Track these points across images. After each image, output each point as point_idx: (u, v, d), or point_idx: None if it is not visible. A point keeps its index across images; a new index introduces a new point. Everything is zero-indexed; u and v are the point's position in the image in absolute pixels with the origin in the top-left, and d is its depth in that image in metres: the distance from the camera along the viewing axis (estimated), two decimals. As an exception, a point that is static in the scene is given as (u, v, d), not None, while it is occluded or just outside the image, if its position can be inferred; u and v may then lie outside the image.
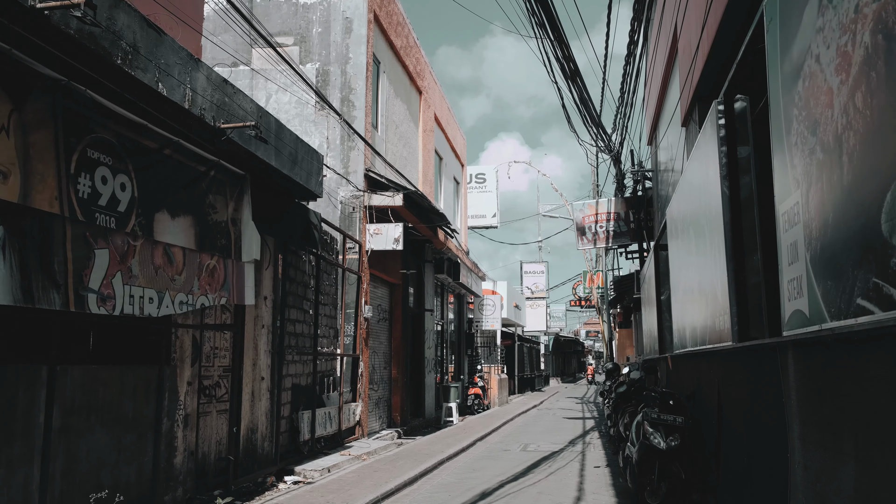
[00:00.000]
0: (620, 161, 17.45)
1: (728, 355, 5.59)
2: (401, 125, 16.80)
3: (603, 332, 30.73)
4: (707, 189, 6.03)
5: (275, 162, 8.27)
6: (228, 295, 7.69)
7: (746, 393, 5.04)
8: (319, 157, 9.66)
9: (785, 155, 3.51)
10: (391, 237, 13.45)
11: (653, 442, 7.02)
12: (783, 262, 3.63)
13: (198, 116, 6.66)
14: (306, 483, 9.00)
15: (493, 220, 33.10)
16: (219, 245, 7.72)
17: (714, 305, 5.92)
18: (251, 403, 9.27)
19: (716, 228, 5.62)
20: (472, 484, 9.36)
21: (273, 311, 9.76)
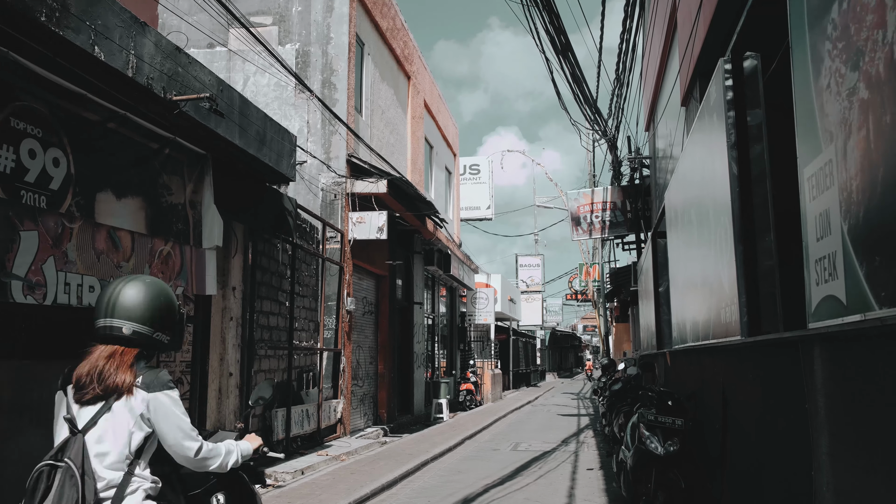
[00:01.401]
0: (617, 147, 16.76)
1: (735, 351, 4.95)
2: (387, 111, 16.11)
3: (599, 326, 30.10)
4: (712, 164, 5.37)
5: (239, 141, 7.60)
6: (186, 284, 7.03)
7: (757, 395, 4.40)
8: (291, 138, 8.99)
9: (812, 104, 2.86)
10: (375, 226, 12.79)
11: (649, 446, 6.38)
12: (809, 238, 2.98)
13: (145, 87, 5.97)
14: (276, 486, 8.36)
15: (488, 211, 32.45)
16: (174, 230, 7.06)
17: (719, 296, 5.27)
18: (218, 401, 8.62)
19: (722, 207, 4.97)
20: (455, 488, 8.73)
21: (243, 302, 9.10)
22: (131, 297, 2.68)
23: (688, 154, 6.78)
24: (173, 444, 2.63)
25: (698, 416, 6.79)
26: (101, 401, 2.58)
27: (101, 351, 2.67)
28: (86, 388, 2.60)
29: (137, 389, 2.60)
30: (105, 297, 2.71)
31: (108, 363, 2.63)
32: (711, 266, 5.56)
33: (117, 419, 2.56)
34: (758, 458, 4.48)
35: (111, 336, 2.68)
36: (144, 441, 2.60)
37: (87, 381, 2.61)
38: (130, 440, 2.57)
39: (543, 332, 53.74)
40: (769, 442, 4.17)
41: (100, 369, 2.61)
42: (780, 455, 3.90)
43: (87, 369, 2.63)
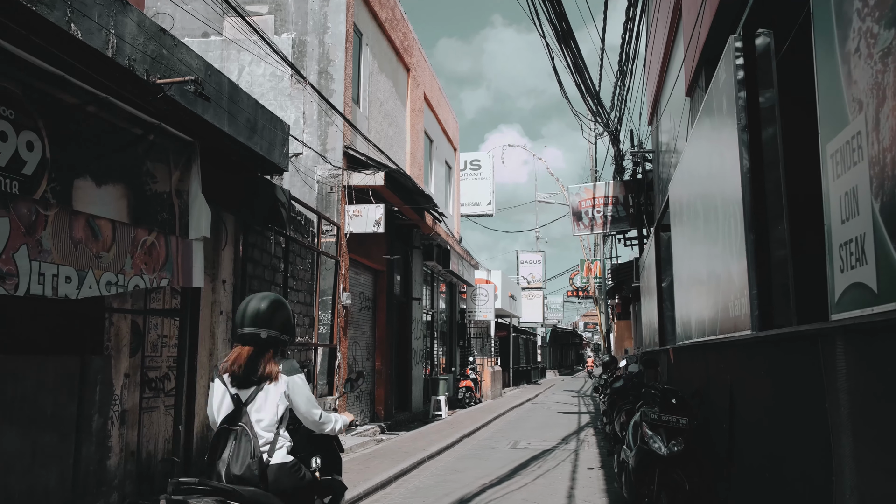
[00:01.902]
0: (619, 141, 16.49)
1: (745, 347, 4.68)
2: (386, 103, 15.84)
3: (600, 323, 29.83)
4: (720, 150, 5.10)
5: (228, 128, 7.32)
6: (172, 276, 6.75)
7: (769, 392, 4.13)
8: (284, 126, 8.71)
9: (837, 72, 2.59)
10: (372, 219, 12.53)
11: (652, 446, 6.11)
12: (832, 221, 2.71)
13: (126, 68, 5.69)
14: (267, 487, 8.10)
15: (488, 207, 32.16)
16: (159, 219, 6.80)
17: (727, 289, 5.00)
18: (206, 398, 8.35)
19: (731, 196, 4.70)
20: (452, 488, 8.47)
21: (234, 296, 8.83)
22: (264, 311, 3.70)
23: (694, 142, 6.51)
24: (304, 412, 3.67)
25: (703, 414, 6.52)
26: (256, 384, 3.57)
27: (245, 350, 3.66)
28: (241, 377, 3.58)
29: (281, 375, 3.60)
30: (244, 311, 3.73)
31: (255, 359, 3.61)
32: (719, 258, 5.29)
33: (269, 396, 3.57)
34: (769, 459, 4.21)
35: (252, 339, 3.66)
36: (286, 411, 3.61)
37: (240, 372, 3.59)
38: (277, 410, 3.56)
39: (544, 330, 53.48)
40: (782, 442, 3.90)
41: (250, 365, 3.60)
42: (795, 456, 3.63)
43: (238, 364, 3.62)
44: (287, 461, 3.55)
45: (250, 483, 3.36)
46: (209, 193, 7.74)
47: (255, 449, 3.43)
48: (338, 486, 3.97)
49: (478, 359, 26.45)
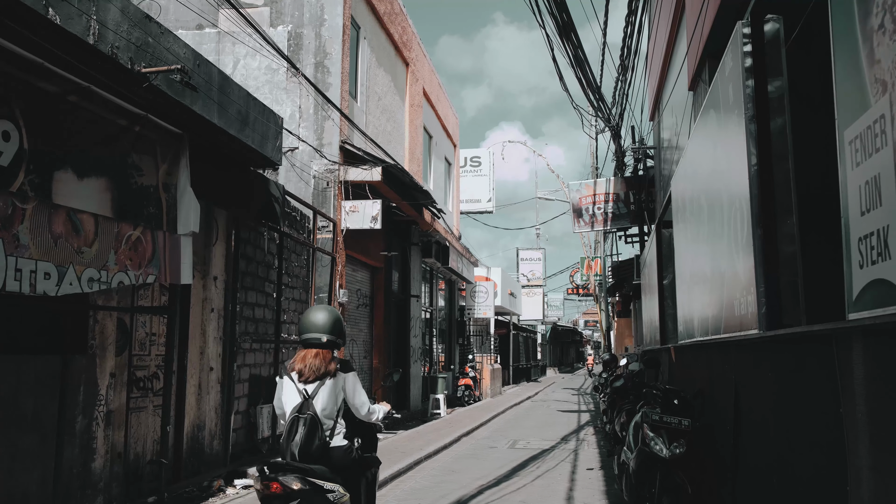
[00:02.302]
0: (620, 137, 16.26)
1: (751, 347, 4.48)
2: (384, 97, 15.62)
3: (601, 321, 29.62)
4: (726, 143, 4.90)
5: (218, 120, 7.12)
6: (159, 272, 6.56)
7: (777, 395, 3.93)
8: (277, 119, 8.50)
9: (858, 51, 2.38)
10: (369, 215, 12.31)
11: (653, 448, 5.92)
12: (850, 213, 2.51)
13: (108, 56, 5.50)
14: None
15: (489, 204, 31.95)
16: (145, 214, 6.60)
17: (733, 286, 4.79)
18: (197, 397, 8.17)
19: (737, 190, 4.49)
20: (448, 489, 8.28)
21: (225, 293, 8.65)
22: (323, 319, 4.41)
23: (698, 136, 6.30)
24: (357, 403, 4.40)
25: (706, 416, 6.32)
26: (319, 380, 4.24)
27: (309, 353, 4.34)
28: (307, 374, 4.25)
29: (339, 372, 4.33)
30: (307, 320, 4.43)
31: (317, 360, 4.29)
32: (724, 255, 5.09)
33: (329, 390, 4.25)
34: (777, 464, 4.01)
35: (315, 343, 4.36)
36: (342, 402, 4.33)
37: (307, 371, 4.27)
38: (336, 401, 4.29)
39: (544, 327, 53.29)
40: (791, 448, 3.70)
41: (315, 364, 4.28)
42: (805, 463, 3.43)
43: (304, 365, 4.29)
44: (343, 444, 4.32)
45: (317, 461, 4.12)
46: (199, 188, 7.55)
47: (320, 433, 4.16)
48: (374, 461, 4.81)
49: (477, 356, 26.25)
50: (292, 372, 4.34)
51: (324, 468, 4.10)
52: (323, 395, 4.23)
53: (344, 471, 4.28)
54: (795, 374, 3.57)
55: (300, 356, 4.37)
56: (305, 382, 4.27)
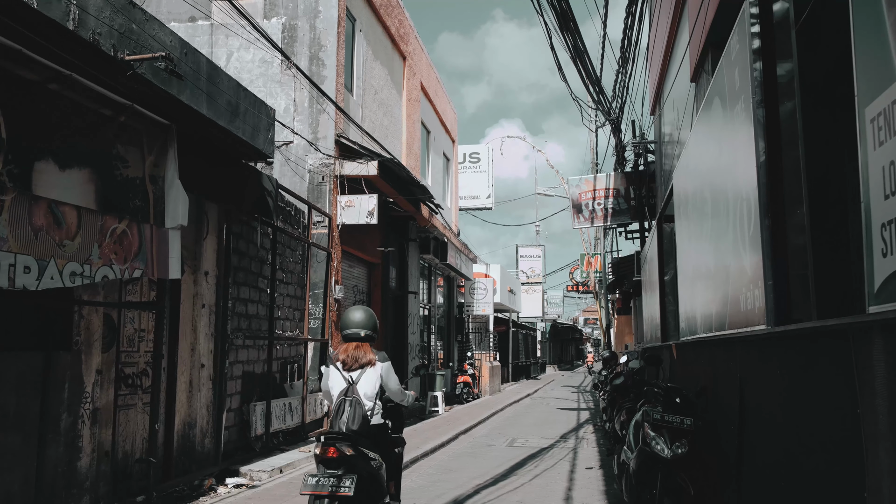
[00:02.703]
0: (621, 131, 16.06)
1: (757, 343, 4.29)
2: (381, 91, 15.42)
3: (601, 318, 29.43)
4: (732, 131, 4.70)
5: (207, 111, 6.92)
6: (146, 267, 6.36)
7: (786, 394, 3.74)
8: (269, 111, 8.31)
9: (882, 19, 2.19)
10: (364, 210, 12.13)
11: (654, 448, 5.73)
12: (872, 197, 2.32)
13: (90, 43, 5.30)
14: (250, 486, 7.73)
15: (488, 201, 31.74)
16: (131, 206, 6.40)
17: (738, 281, 4.61)
18: (188, 394, 7.98)
19: (742, 180, 4.31)
20: (444, 489, 8.10)
21: (217, 288, 8.46)
22: (361, 317, 5.22)
23: (701, 125, 6.11)
24: (393, 388, 5.16)
25: (709, 415, 6.14)
26: (360, 368, 5.00)
27: (351, 346, 5.12)
28: (351, 363, 5.02)
29: (377, 362, 5.07)
30: (348, 318, 5.23)
31: (358, 352, 5.07)
32: (729, 247, 4.90)
33: (370, 376, 5.00)
34: (785, 466, 3.82)
35: (354, 338, 5.15)
36: (380, 387, 5.04)
37: (350, 361, 5.03)
38: (375, 386, 4.99)
39: (544, 325, 53.11)
40: (801, 450, 3.51)
41: (356, 355, 5.05)
42: (817, 467, 3.25)
43: (347, 356, 5.06)
44: (381, 423, 5.16)
45: (361, 435, 4.84)
46: (189, 181, 7.36)
47: (364, 412, 4.86)
48: (401, 441, 5.67)
49: (476, 354, 26.07)
50: (337, 361, 5.16)
51: (367, 441, 4.94)
52: (364, 381, 5.03)
53: (380, 445, 5.13)
54: (806, 371, 3.38)
55: (343, 349, 5.19)
56: (349, 370, 5.08)
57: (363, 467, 4.83)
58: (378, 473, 4.97)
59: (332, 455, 4.73)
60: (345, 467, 4.73)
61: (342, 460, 4.74)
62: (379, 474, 4.98)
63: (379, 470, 4.97)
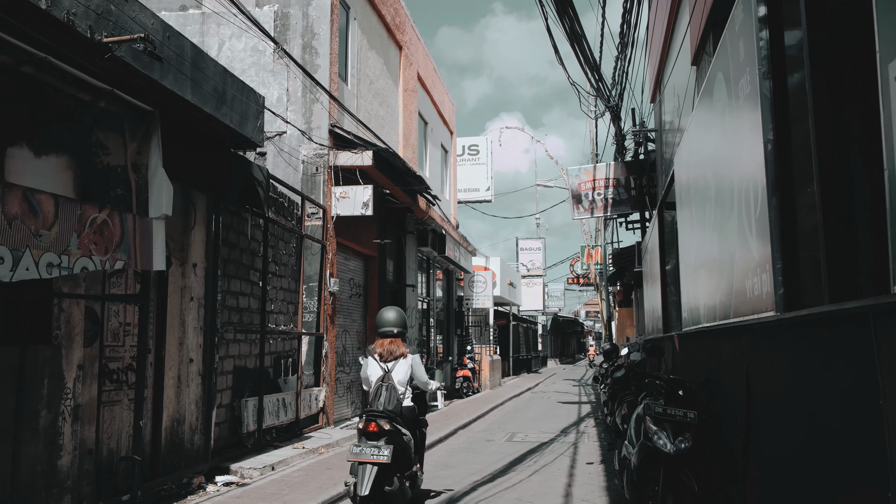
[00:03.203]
0: (620, 119, 15.79)
1: (764, 331, 4.06)
2: (376, 81, 15.16)
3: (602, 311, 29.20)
4: (736, 108, 4.47)
5: (191, 96, 6.68)
6: (128, 258, 6.14)
7: (797, 385, 3.51)
8: (258, 98, 8.07)
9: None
10: (359, 201, 11.89)
11: (657, 443, 5.50)
12: (897, 165, 2.08)
13: (64, 23, 5.06)
14: (240, 485, 7.52)
15: (487, 193, 31.45)
16: (112, 195, 6.18)
17: (744, 266, 4.38)
18: (176, 390, 7.77)
19: (748, 158, 4.07)
20: (440, 486, 7.88)
21: (206, 281, 8.22)
22: (394, 317, 6.43)
23: (704, 104, 5.87)
24: (420, 377, 6.28)
25: (713, 407, 5.92)
26: (395, 360, 6.14)
27: (385, 341, 6.29)
28: (386, 355, 6.17)
29: (408, 354, 6.24)
30: (383, 317, 6.43)
31: (392, 346, 6.24)
32: (734, 231, 4.67)
33: (402, 366, 6.14)
34: (796, 462, 3.60)
35: (388, 334, 6.33)
36: (410, 376, 6.17)
37: (386, 353, 6.18)
38: (406, 374, 6.13)
39: (545, 318, 52.91)
40: (814, 445, 3.29)
41: (391, 348, 6.22)
42: (832, 463, 3.02)
43: (383, 349, 6.22)
44: (410, 405, 6.29)
45: (396, 414, 5.91)
46: (176, 170, 7.14)
47: (397, 396, 6.00)
48: (424, 423, 6.74)
49: (476, 348, 25.86)
50: (374, 354, 6.31)
51: (399, 419, 5.97)
52: (397, 370, 6.19)
53: (409, 424, 6.21)
54: (820, 359, 3.15)
55: (379, 343, 6.37)
56: (384, 361, 6.23)
57: (397, 440, 5.88)
58: (408, 446, 6.07)
59: (372, 429, 5.81)
60: (383, 439, 5.78)
61: (381, 433, 5.80)
62: (409, 447, 6.07)
63: (409, 444, 6.09)
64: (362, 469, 5.64)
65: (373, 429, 5.77)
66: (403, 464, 5.98)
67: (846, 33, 3.61)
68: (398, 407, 5.96)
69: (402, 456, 5.91)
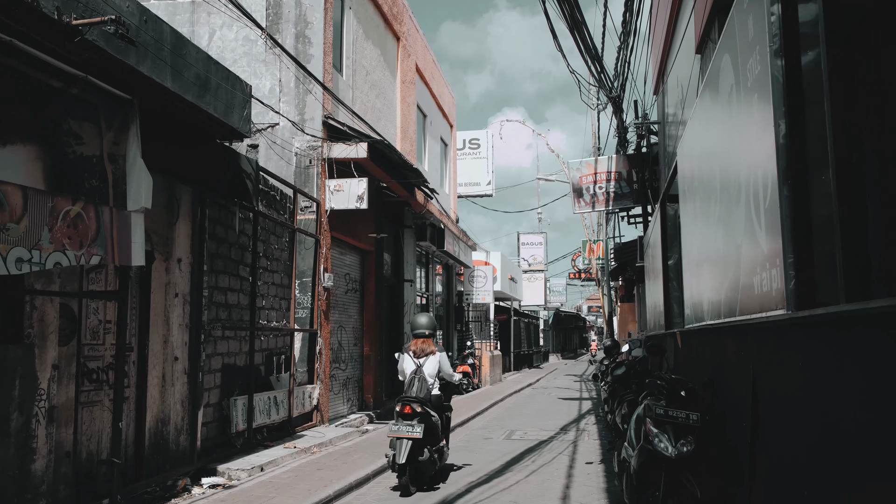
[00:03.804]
0: (622, 110, 15.47)
1: (773, 330, 3.78)
2: (373, 72, 14.86)
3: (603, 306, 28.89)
4: (744, 90, 4.17)
5: (171, 84, 6.38)
6: (105, 253, 5.85)
7: (809, 388, 3.23)
8: (244, 86, 7.77)
9: None
10: (354, 194, 11.61)
11: (658, 446, 5.23)
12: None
13: (28, 3, 4.78)
14: (227, 487, 7.26)
15: (488, 187, 31.14)
16: (87, 187, 5.90)
17: (751, 261, 4.09)
18: (161, 389, 7.50)
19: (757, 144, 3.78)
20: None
21: (192, 276, 7.95)
22: (426, 321, 8.03)
23: (710, 90, 5.57)
24: (445, 370, 7.86)
25: (716, 408, 5.64)
26: (425, 356, 7.71)
27: (419, 340, 7.86)
28: (419, 353, 7.75)
29: (437, 352, 7.78)
30: (416, 322, 8.03)
31: (424, 344, 7.81)
32: (741, 223, 4.38)
33: (431, 362, 7.72)
34: (808, 471, 3.32)
35: (421, 335, 7.87)
36: (438, 369, 7.75)
37: (418, 351, 7.75)
38: (435, 368, 7.71)
39: (547, 313, 52.63)
40: (830, 452, 3.00)
41: (423, 347, 7.78)
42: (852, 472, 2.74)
43: (417, 347, 7.81)
44: (438, 394, 7.76)
45: (426, 400, 7.43)
46: (158, 161, 6.88)
47: (427, 386, 7.56)
48: (449, 408, 8.18)
49: (476, 343, 25.59)
50: (409, 351, 7.92)
51: (429, 404, 7.48)
52: (428, 364, 7.76)
53: (436, 408, 7.68)
54: (835, 362, 2.87)
55: (413, 342, 7.97)
56: (417, 357, 7.82)
57: (427, 420, 7.33)
58: (436, 426, 7.56)
59: (407, 411, 7.33)
60: (416, 419, 7.24)
61: (414, 415, 7.30)
62: (436, 426, 7.59)
63: (436, 424, 7.58)
64: (399, 443, 7.16)
65: (408, 411, 7.32)
66: (432, 439, 7.48)
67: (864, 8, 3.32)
68: (428, 395, 7.60)
69: (431, 433, 7.40)
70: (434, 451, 7.48)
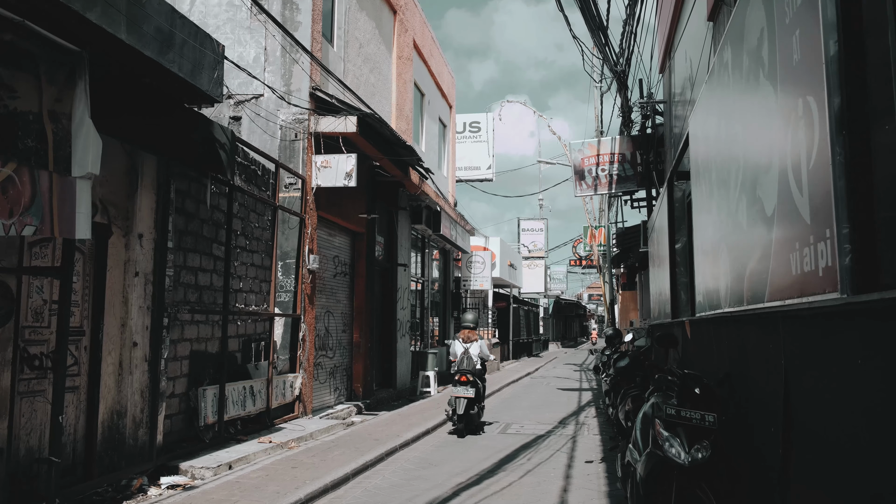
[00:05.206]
0: (627, 87, 14.69)
1: (816, 318, 3.08)
2: (367, 45, 14.10)
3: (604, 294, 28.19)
4: (782, 31, 3.46)
5: (126, 36, 5.64)
6: (41, 223, 5.15)
7: (868, 388, 2.53)
8: (215, 45, 7.04)
9: None
10: (342, 171, 10.90)
11: (668, 452, 4.55)
12: None
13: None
14: (187, 487, 6.59)
15: (488, 171, 30.41)
16: (20, 147, 5.21)
17: (786, 233, 3.40)
18: (117, 378, 6.83)
19: (797, 89, 3.07)
20: (419, 489, 6.97)
21: (155, 253, 7.26)
22: (473, 317, 11.79)
23: (731, 46, 4.84)
24: (484, 353, 11.23)
25: (735, 408, 4.96)
26: (471, 342, 11.17)
27: (467, 331, 11.33)
28: (466, 339, 11.21)
29: (479, 339, 11.31)
30: (465, 317, 11.77)
31: (471, 334, 11.30)
32: (772, 194, 3.68)
33: (475, 347, 11.15)
34: (863, 488, 2.64)
35: (468, 327, 11.42)
36: (480, 352, 11.17)
37: (465, 338, 11.23)
38: (478, 351, 11.14)
39: (547, 301, 51.97)
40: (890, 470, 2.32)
41: (469, 336, 11.25)
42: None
43: (464, 336, 11.25)
44: (480, 369, 10.97)
45: (473, 373, 10.68)
46: (116, 125, 6.19)
47: (473, 363, 10.84)
48: (485, 379, 11.33)
49: (474, 331, 24.89)
50: (459, 338, 11.12)
51: (474, 375, 10.53)
52: (473, 348, 10.91)
53: (479, 378, 10.74)
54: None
55: (462, 332, 11.22)
56: (465, 343, 10.99)
57: (476, 385, 10.54)
58: (480, 390, 10.76)
59: (463, 379, 10.44)
60: (469, 384, 10.40)
61: (468, 382, 10.42)
62: (480, 390, 10.77)
63: (480, 388, 10.75)
64: (458, 401, 10.36)
65: (463, 379, 10.47)
66: (477, 399, 10.65)
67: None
68: (474, 368, 10.73)
69: (477, 394, 10.59)
70: (479, 407, 10.83)
